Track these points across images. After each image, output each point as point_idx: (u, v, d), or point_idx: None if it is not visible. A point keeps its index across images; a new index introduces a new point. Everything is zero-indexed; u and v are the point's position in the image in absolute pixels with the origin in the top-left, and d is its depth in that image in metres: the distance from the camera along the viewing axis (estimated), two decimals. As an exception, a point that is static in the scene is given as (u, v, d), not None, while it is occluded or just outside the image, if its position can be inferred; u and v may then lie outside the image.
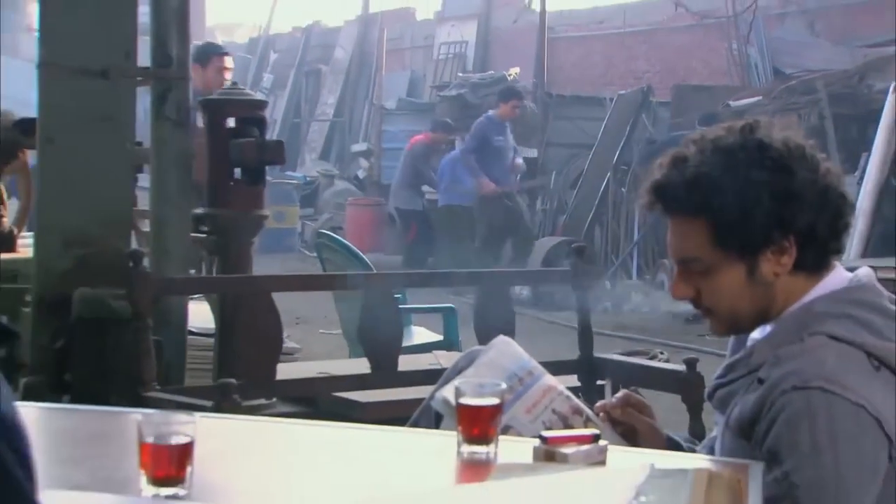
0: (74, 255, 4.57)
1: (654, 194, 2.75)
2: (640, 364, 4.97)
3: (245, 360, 4.88)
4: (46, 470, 2.41)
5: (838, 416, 2.46)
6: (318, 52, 30.42)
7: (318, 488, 2.50)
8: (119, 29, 4.65)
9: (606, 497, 1.82)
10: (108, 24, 4.63)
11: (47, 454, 2.70)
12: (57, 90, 4.61)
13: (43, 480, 2.26)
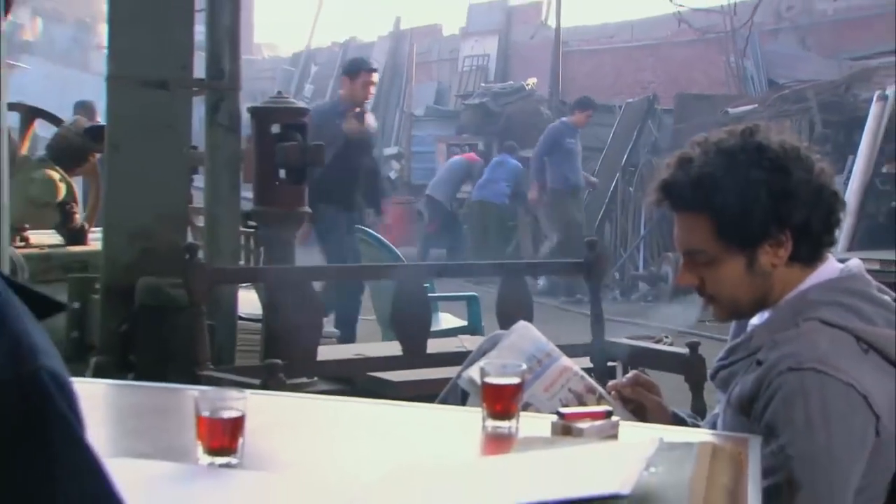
0: (137, 249, 4.59)
1: (661, 192, 2.76)
2: (646, 347, 4.95)
3: (289, 343, 4.88)
4: (113, 440, 2.45)
5: (830, 394, 2.46)
6: (355, 65, 30.31)
7: (355, 458, 2.50)
8: (177, 45, 4.66)
9: (619, 468, 1.82)
10: (168, 41, 4.64)
11: (114, 426, 2.74)
12: (122, 100, 4.63)
13: (110, 450, 2.30)
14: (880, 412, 2.49)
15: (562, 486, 1.82)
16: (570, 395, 2.80)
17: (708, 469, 2.00)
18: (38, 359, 1.30)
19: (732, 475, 2.11)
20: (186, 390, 3.04)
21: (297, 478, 2.24)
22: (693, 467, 1.99)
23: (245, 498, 2.04)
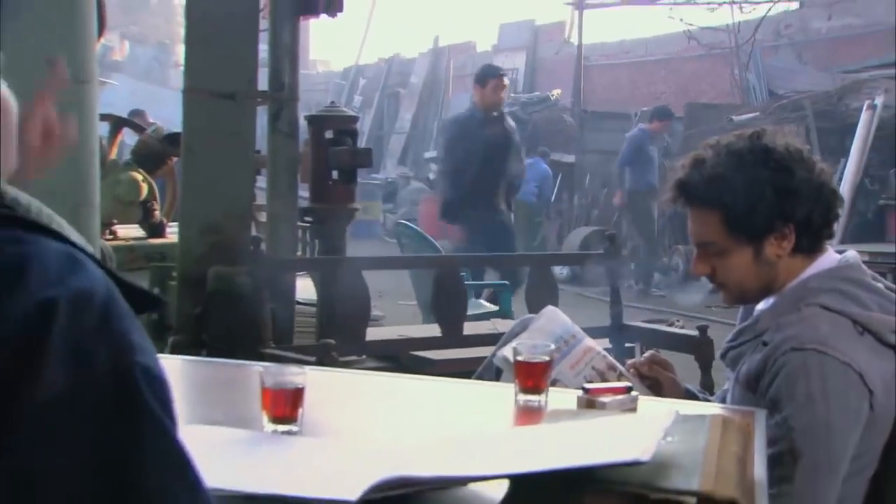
0: (209, 241, 4.60)
1: (677, 189, 2.75)
2: (660, 329, 4.96)
3: (340, 325, 4.89)
4: (189, 409, 2.45)
5: (829, 372, 2.46)
6: (398, 79, 30.33)
7: (400, 427, 2.51)
8: (244, 62, 4.67)
9: (639, 437, 1.81)
10: (236, 58, 4.65)
11: (189, 397, 2.75)
12: (196, 111, 4.64)
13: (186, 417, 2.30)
14: (874, 388, 2.49)
15: (587, 453, 1.81)
16: (593, 373, 2.80)
17: (719, 439, 1.98)
18: (134, 355, 1.32)
19: (741, 444, 2.08)
20: (251, 366, 3.05)
21: (349, 443, 2.24)
22: (706, 437, 1.97)
23: (304, 461, 2.03)
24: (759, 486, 2.00)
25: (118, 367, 1.30)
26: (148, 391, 1.31)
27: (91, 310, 1.30)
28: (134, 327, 1.35)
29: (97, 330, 1.30)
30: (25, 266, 1.30)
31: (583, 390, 2.39)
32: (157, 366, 1.36)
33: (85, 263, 1.36)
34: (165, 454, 1.32)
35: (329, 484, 1.83)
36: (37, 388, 1.24)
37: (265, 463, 2.00)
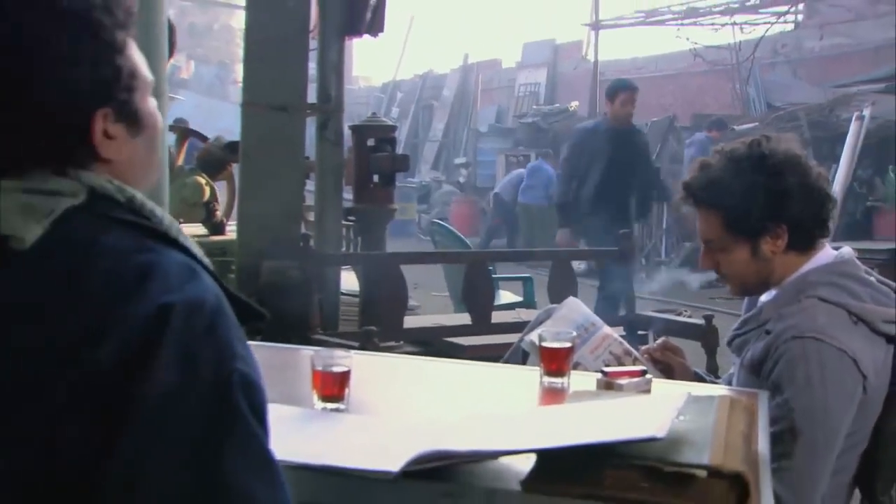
0: (263, 238, 4.61)
1: (685, 191, 2.75)
2: (670, 319, 4.93)
3: (381, 314, 4.89)
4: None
5: (826, 358, 2.44)
6: (431, 92, 30.36)
7: (435, 405, 2.50)
8: (295, 78, 4.68)
9: (654, 416, 1.80)
10: (288, 75, 4.67)
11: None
12: (253, 122, 4.66)
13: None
14: (867, 373, 2.47)
15: (608, 430, 1.80)
16: (611, 357, 2.78)
17: (727, 418, 1.98)
18: (234, 362, 1.34)
19: (746, 423, 2.09)
20: (301, 350, 3.08)
21: (390, 420, 2.23)
22: (714, 416, 1.97)
23: (350, 436, 2.02)
24: (763, 461, 1.99)
25: (219, 372, 1.32)
26: (243, 397, 1.33)
27: (201, 317, 1.33)
28: (237, 336, 1.37)
29: (204, 336, 1.32)
30: (149, 273, 1.33)
31: (602, 373, 2.40)
32: (254, 374, 1.38)
33: (200, 274, 1.39)
34: (253, 455, 1.34)
35: (373, 457, 1.82)
36: (150, 384, 1.27)
37: (315, 437, 1.99)
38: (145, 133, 1.54)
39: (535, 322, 3.05)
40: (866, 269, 2.71)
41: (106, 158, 1.48)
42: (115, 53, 1.47)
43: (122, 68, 1.48)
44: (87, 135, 1.45)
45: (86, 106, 1.45)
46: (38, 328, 1.31)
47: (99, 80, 1.45)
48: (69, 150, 1.45)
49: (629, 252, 5.28)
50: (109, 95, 1.46)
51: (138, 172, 1.54)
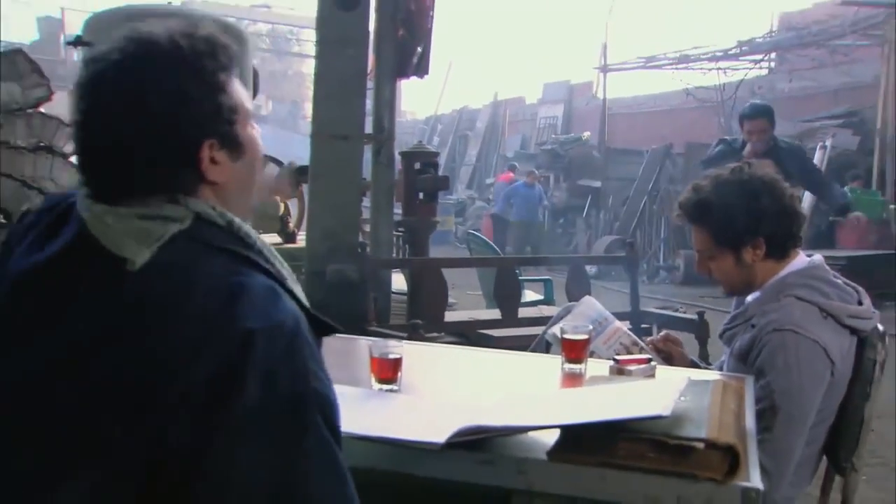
0: (328, 245, 4.61)
1: (679, 209, 2.75)
2: (668, 314, 4.90)
3: (425, 309, 4.88)
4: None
5: (802, 348, 2.43)
6: (466, 124, 30.47)
7: (471, 387, 2.48)
8: (355, 112, 4.69)
9: (660, 397, 1.79)
10: (349, 110, 4.67)
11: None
12: (320, 149, 4.67)
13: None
14: (835, 360, 2.47)
15: (621, 409, 1.80)
16: (621, 347, 2.76)
17: (720, 398, 1.99)
18: (310, 381, 1.34)
19: (737, 403, 2.11)
20: (359, 339, 3.05)
21: (435, 399, 2.21)
22: (710, 397, 1.98)
23: (402, 413, 2.00)
24: (750, 434, 1.97)
25: (296, 390, 1.32)
26: (318, 412, 1.34)
27: (280, 340, 1.32)
28: (313, 356, 1.38)
29: (283, 357, 1.32)
30: (238, 296, 1.33)
31: (614, 361, 2.41)
32: (329, 391, 1.39)
33: (281, 297, 1.38)
34: (327, 465, 1.34)
35: (422, 430, 1.81)
36: (238, 398, 1.27)
37: (374, 413, 1.98)
38: (246, 157, 1.54)
39: (556, 317, 3.04)
40: (833, 272, 2.71)
41: (212, 181, 1.48)
42: (217, 92, 1.48)
43: (222, 104, 1.48)
44: (196, 162, 1.45)
45: (194, 137, 1.45)
46: (144, 343, 1.31)
47: (204, 114, 1.45)
48: (180, 177, 1.46)
49: (634, 258, 5.25)
50: (214, 128, 1.47)
51: (241, 192, 1.55)
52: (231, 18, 5.22)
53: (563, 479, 1.71)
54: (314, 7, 4.73)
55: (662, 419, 1.70)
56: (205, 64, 1.48)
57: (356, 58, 4.67)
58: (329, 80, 4.67)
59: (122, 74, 1.44)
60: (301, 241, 5.88)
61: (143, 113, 1.42)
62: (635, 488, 1.68)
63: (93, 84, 1.44)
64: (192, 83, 1.46)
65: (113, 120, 1.43)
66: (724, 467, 1.67)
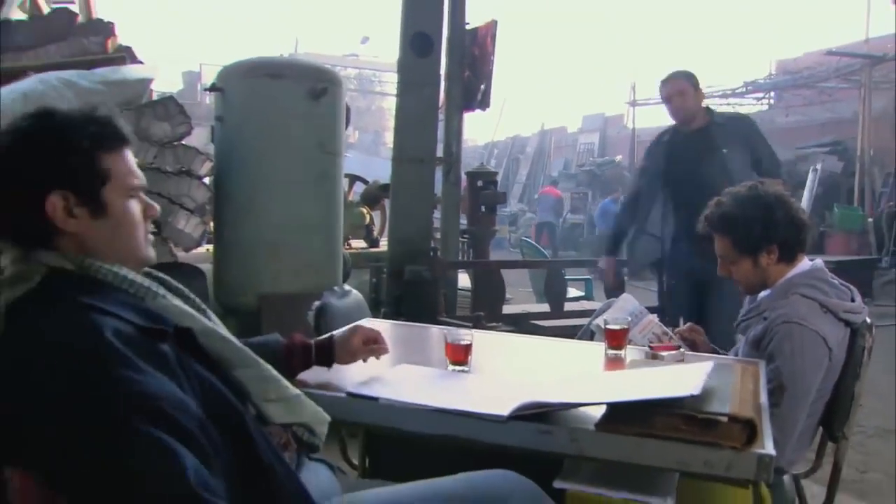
0: (405, 249, 4.60)
1: (704, 221, 2.69)
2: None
3: (486, 303, 4.87)
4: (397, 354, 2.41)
5: (805, 337, 2.37)
6: (518, 149, 30.38)
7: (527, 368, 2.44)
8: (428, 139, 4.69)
9: (690, 379, 1.76)
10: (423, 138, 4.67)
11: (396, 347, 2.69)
12: (399, 170, 4.68)
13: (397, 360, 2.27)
14: (832, 348, 2.41)
15: (657, 389, 1.77)
16: (653, 336, 2.71)
17: (740, 380, 1.98)
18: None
19: (753, 383, 2.08)
20: (431, 328, 3.02)
21: (497, 378, 2.17)
22: (732, 379, 1.96)
23: (472, 390, 1.98)
24: (765, 409, 1.93)
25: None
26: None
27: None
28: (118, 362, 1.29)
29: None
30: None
31: (648, 347, 2.36)
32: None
33: (80, 331, 1.32)
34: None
35: (489, 404, 1.79)
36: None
37: (449, 390, 1.95)
38: (110, 219, 1.48)
39: (599, 310, 3.00)
40: (831, 274, 2.65)
41: (69, 231, 1.44)
42: (75, 153, 1.45)
43: (80, 165, 1.45)
44: (43, 212, 1.42)
45: (38, 187, 1.42)
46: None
47: (54, 169, 1.43)
48: (31, 226, 1.43)
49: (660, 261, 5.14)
50: (65, 182, 1.43)
51: (108, 245, 1.48)
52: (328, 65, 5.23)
53: (608, 446, 1.68)
54: (394, 55, 4.75)
55: (694, 397, 1.67)
56: (73, 131, 1.45)
57: (430, 95, 4.67)
58: (408, 114, 4.67)
59: (3, 129, 1.45)
60: (383, 246, 5.89)
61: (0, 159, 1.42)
62: (669, 455, 1.65)
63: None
64: (49, 142, 1.43)
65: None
66: (744, 437, 1.64)
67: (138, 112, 4.53)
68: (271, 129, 4.47)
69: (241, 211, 4.53)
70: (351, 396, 1.88)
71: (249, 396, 1.53)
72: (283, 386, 1.59)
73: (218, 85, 4.61)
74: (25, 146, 1.42)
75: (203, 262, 4.67)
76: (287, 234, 4.49)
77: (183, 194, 4.54)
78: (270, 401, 1.56)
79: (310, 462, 1.75)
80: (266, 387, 1.56)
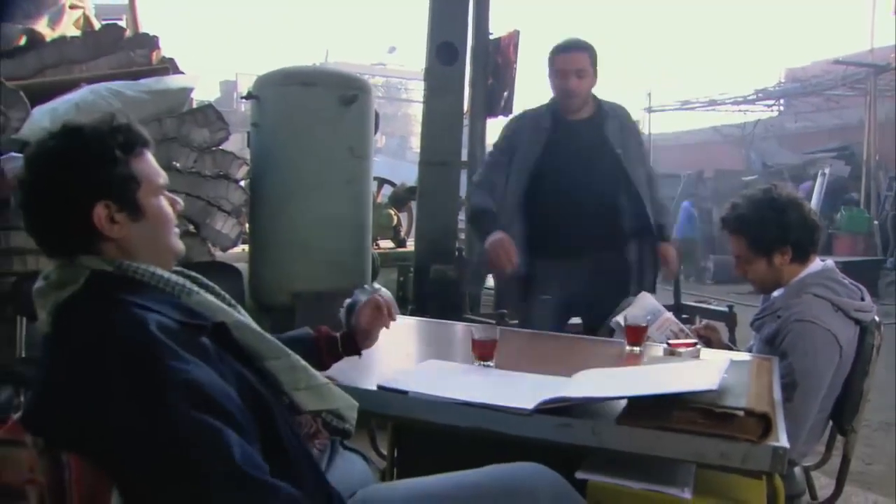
0: (431, 250, 4.60)
1: (722, 222, 2.67)
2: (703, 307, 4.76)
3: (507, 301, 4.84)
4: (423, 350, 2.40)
5: (817, 335, 2.36)
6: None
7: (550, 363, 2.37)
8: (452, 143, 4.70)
9: (708, 374, 1.74)
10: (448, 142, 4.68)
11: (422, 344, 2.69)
12: (426, 172, 4.69)
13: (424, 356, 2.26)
14: (843, 345, 2.39)
15: (676, 383, 1.74)
16: (671, 333, 2.68)
17: (755, 375, 1.96)
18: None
19: (767, 379, 2.05)
20: (456, 325, 2.99)
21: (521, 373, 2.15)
22: (748, 374, 1.94)
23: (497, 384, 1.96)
24: (778, 404, 1.89)
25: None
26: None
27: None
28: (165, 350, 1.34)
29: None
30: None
31: (667, 344, 2.35)
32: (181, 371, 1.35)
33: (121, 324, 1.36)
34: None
35: (514, 398, 1.77)
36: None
37: (475, 384, 1.94)
38: (148, 220, 1.51)
39: (619, 308, 2.97)
40: (842, 274, 2.61)
41: (112, 238, 1.47)
42: (111, 163, 1.47)
43: (116, 174, 1.47)
44: (91, 220, 1.44)
45: (87, 199, 1.45)
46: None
47: (97, 180, 1.45)
48: (78, 236, 1.46)
49: (677, 261, 5.12)
50: (107, 192, 1.46)
51: (148, 247, 1.51)
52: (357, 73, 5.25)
53: (628, 439, 1.66)
54: (420, 64, 4.77)
55: (711, 392, 1.65)
56: (105, 143, 1.47)
57: (455, 101, 4.67)
58: (434, 119, 4.68)
59: (34, 149, 1.47)
60: (410, 246, 5.89)
61: (41, 179, 1.44)
62: (687, 447, 1.63)
63: (24, 159, 1.48)
64: (86, 158, 1.45)
65: (25, 188, 1.46)
66: (759, 431, 1.62)
67: (180, 119, 4.57)
68: (304, 135, 4.49)
69: (276, 212, 4.54)
70: (381, 390, 1.88)
71: (281, 386, 1.55)
72: (312, 375, 1.61)
73: (254, 93, 4.65)
74: (67, 164, 1.44)
75: (239, 261, 4.69)
76: (318, 235, 4.50)
77: (220, 197, 4.56)
78: (300, 389, 1.57)
79: (345, 452, 1.76)
80: (296, 376, 1.57)
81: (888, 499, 3.86)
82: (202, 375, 1.30)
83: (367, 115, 4.67)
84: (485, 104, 5.12)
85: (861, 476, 4.14)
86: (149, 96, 4.39)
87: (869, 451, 4.58)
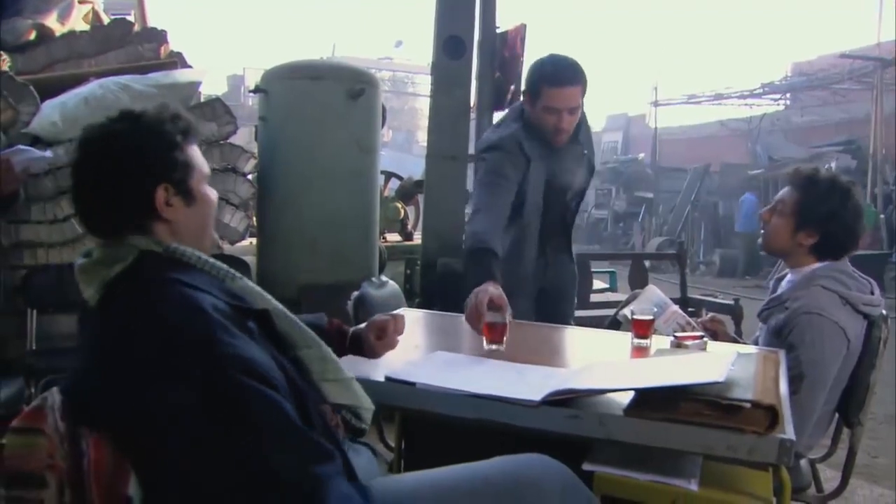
0: (438, 243, 4.58)
1: (793, 173, 2.60)
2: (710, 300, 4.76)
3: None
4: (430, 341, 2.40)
5: (825, 328, 2.34)
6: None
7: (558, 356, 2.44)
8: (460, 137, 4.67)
9: (715, 366, 1.74)
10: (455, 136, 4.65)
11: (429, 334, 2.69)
12: (432, 166, 4.65)
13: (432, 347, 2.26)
14: (850, 338, 2.38)
15: (683, 376, 1.74)
16: (677, 326, 2.68)
17: (762, 368, 1.95)
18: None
19: (774, 371, 2.04)
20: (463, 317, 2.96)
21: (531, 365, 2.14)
22: (754, 367, 1.93)
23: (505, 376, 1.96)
24: (784, 397, 1.89)
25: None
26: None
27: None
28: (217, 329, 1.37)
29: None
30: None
31: (674, 337, 2.33)
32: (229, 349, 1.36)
33: (172, 301, 1.39)
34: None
35: (522, 390, 1.78)
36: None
37: (481, 376, 1.94)
38: (198, 206, 1.55)
39: (625, 301, 2.96)
40: (852, 267, 2.58)
41: (167, 219, 1.50)
42: (172, 148, 1.52)
43: (176, 158, 1.52)
44: (152, 201, 1.48)
45: (151, 181, 1.49)
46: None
47: (160, 163, 1.50)
48: (136, 214, 1.49)
49: (683, 255, 5.12)
50: (168, 175, 1.50)
51: (195, 231, 1.55)
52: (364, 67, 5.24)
53: (635, 430, 1.66)
54: (427, 58, 4.75)
55: (718, 384, 1.64)
56: (167, 128, 1.51)
57: (462, 95, 4.65)
58: (441, 113, 4.66)
59: (97, 133, 1.50)
60: (417, 240, 5.88)
61: (108, 160, 1.46)
62: (693, 439, 1.63)
63: (81, 142, 1.51)
64: (152, 141, 1.49)
65: (87, 167, 1.48)
66: (766, 423, 1.62)
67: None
68: (311, 128, 4.49)
69: (283, 205, 4.55)
70: (389, 381, 1.88)
71: (311, 375, 1.57)
72: (339, 367, 1.63)
73: (262, 87, 4.65)
74: (137, 147, 1.48)
75: (247, 254, 4.70)
76: (326, 228, 4.50)
77: (229, 190, 4.57)
78: (328, 380, 1.59)
79: (353, 444, 1.76)
80: (326, 366, 1.60)
81: (893, 492, 3.86)
82: (254, 352, 1.34)
83: (374, 108, 4.66)
84: (492, 98, 5.10)
85: (867, 469, 4.14)
86: (157, 90, 4.39)
87: (874, 444, 4.58)
